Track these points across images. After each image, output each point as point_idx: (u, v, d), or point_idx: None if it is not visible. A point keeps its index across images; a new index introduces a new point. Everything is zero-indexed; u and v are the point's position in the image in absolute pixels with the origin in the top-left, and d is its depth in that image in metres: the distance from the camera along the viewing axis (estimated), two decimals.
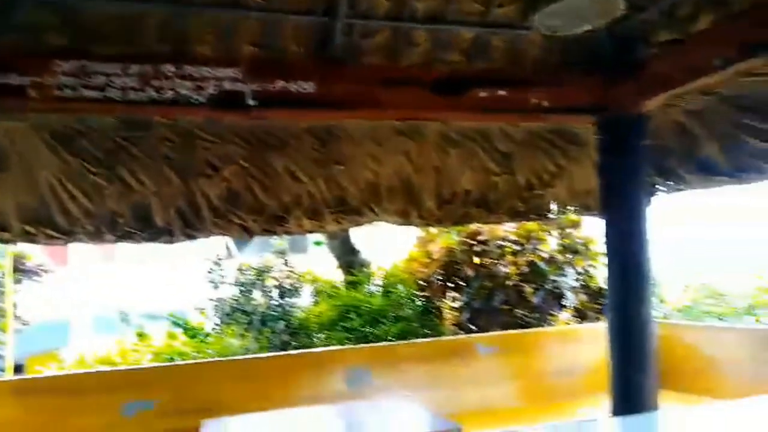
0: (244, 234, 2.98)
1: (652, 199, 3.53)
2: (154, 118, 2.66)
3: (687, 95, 3.11)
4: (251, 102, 2.40)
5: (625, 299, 3.29)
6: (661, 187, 3.60)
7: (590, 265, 4.72)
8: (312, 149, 3.04)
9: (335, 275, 5.95)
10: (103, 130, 2.67)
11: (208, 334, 5.30)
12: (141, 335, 5.16)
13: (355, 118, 2.99)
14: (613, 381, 3.28)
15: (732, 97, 3.01)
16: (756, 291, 5.53)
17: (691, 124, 3.27)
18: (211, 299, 5.54)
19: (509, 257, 4.69)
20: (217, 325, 5.41)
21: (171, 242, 2.90)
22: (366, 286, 5.44)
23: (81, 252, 16.48)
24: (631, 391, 3.19)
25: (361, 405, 3.07)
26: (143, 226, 2.79)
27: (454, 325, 4.87)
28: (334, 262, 6.06)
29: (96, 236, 2.77)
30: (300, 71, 2.53)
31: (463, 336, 4.39)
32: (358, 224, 3.35)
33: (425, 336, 4.59)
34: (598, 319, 4.47)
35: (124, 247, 16.54)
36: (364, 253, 6.06)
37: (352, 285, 5.44)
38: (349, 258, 5.85)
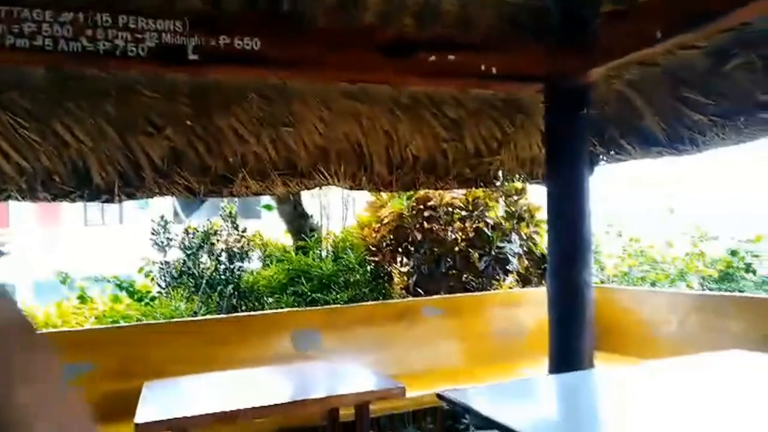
0: (188, 194, 2.91)
1: (595, 168, 3.65)
2: (90, 71, 2.54)
3: (630, 66, 3.19)
4: (193, 57, 2.32)
5: (565, 265, 3.41)
6: (603, 157, 3.71)
7: (534, 232, 4.86)
8: (258, 109, 2.98)
9: (286, 240, 5.92)
10: (34, 82, 2.53)
11: (154, 298, 5.21)
12: (83, 298, 5.02)
13: (302, 78, 2.94)
14: (552, 342, 3.43)
15: (672, 70, 3.10)
16: (688, 258, 5.83)
17: (633, 96, 3.37)
18: (158, 262, 5.43)
19: (457, 223, 4.77)
20: (163, 288, 5.32)
21: (111, 202, 2.81)
22: (316, 251, 5.43)
23: (23, 214, 15.82)
24: (568, 351, 3.33)
25: (309, 365, 3.11)
26: (80, 185, 2.68)
27: (403, 289, 4.94)
28: (284, 227, 6.02)
29: (30, 195, 2.65)
30: (245, 27, 2.45)
31: (410, 299, 4.47)
32: (307, 187, 3.33)
33: (375, 300, 4.65)
34: (540, 283, 4.63)
35: (71, 210, 15.98)
36: (316, 218, 6.04)
37: (302, 250, 5.42)
38: (299, 223, 5.81)
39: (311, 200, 6.01)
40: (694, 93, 3.07)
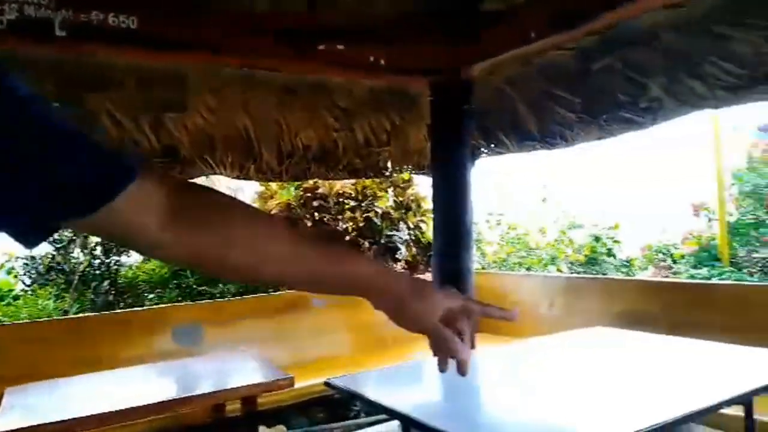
0: None
1: (476, 160, 3.84)
2: None
3: (509, 64, 3.39)
4: (60, 33, 2.13)
5: (448, 252, 3.57)
6: (484, 150, 3.91)
7: (421, 221, 5.03)
8: (137, 92, 2.80)
9: None
10: None
11: (17, 297, 4.75)
12: None
13: (185, 61, 2.80)
14: None
15: (545, 69, 3.33)
16: (558, 244, 6.33)
17: (512, 92, 3.57)
18: (22, 258, 4.95)
19: (347, 213, 4.82)
20: (28, 286, 4.87)
21: None
22: None
23: None
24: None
25: (193, 361, 3.00)
26: None
27: None
28: None
29: None
30: (120, 2, 2.29)
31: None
32: (190, 176, 3.19)
33: (265, 293, 4.57)
34: (427, 270, 4.81)
35: None
36: None
37: None
38: None
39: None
40: (564, 91, 3.32)
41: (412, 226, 4.93)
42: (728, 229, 6.09)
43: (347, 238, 4.79)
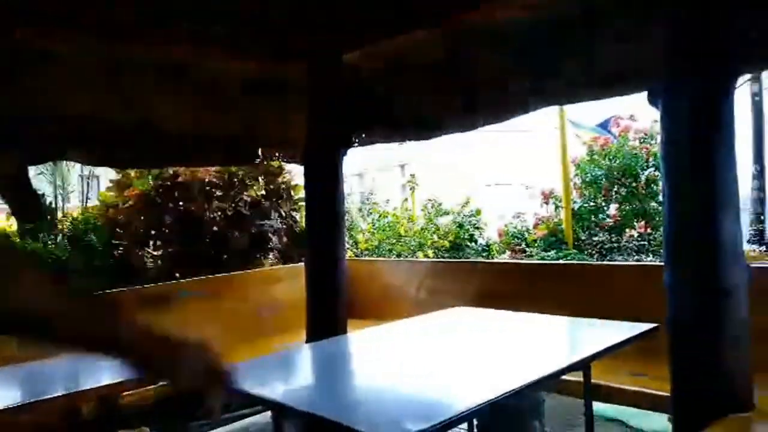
0: None
1: (348, 149, 3.88)
2: None
3: (382, 54, 3.45)
4: None
5: (320, 240, 3.60)
6: (356, 139, 3.97)
7: (294, 209, 5.00)
8: None
9: (10, 223, 5.07)
10: None
11: None
12: None
13: (41, 36, 2.51)
14: (309, 314, 3.60)
15: (415, 59, 3.42)
16: (426, 231, 6.63)
17: (382, 82, 3.65)
18: None
19: (215, 202, 4.65)
20: None
21: None
22: (49, 234, 4.77)
23: None
24: (324, 321, 3.53)
25: (44, 364, 2.74)
26: None
27: (155, 273, 4.64)
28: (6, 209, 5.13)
29: None
30: None
31: (163, 284, 4.22)
32: (35, 161, 2.90)
33: (125, 287, 4.27)
34: (300, 259, 4.79)
35: None
36: (49, 198, 5.28)
37: (30, 234, 4.70)
38: (25, 202, 5.00)
39: (41, 177, 5.24)
40: (436, 81, 3.43)
41: (284, 214, 4.88)
42: (572, 215, 6.76)
43: (215, 228, 4.62)
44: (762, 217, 8.73)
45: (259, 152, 3.74)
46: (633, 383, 2.53)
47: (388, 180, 9.60)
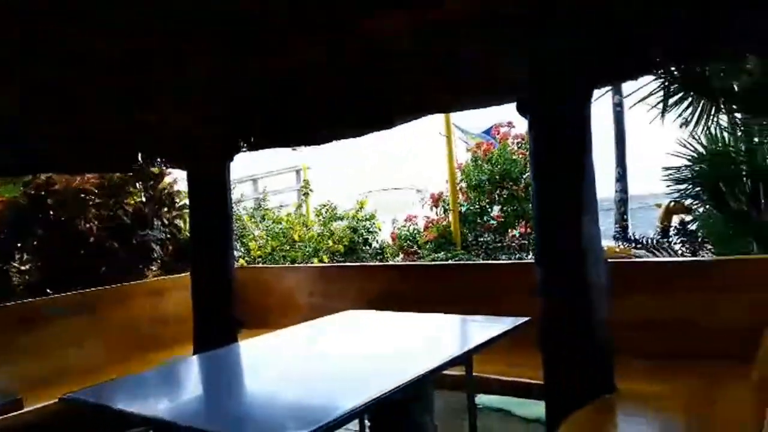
0: None
1: (235, 154, 3.80)
2: None
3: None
4: None
5: (207, 249, 3.49)
6: (244, 144, 3.89)
7: (177, 217, 4.79)
8: None
9: None
10: None
11: None
12: None
13: None
14: (197, 325, 3.48)
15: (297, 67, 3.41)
16: (320, 237, 6.62)
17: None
18: None
19: (92, 210, 4.34)
20: None
21: None
22: None
23: None
24: (212, 333, 3.43)
25: None
26: None
27: (24, 289, 4.25)
28: None
29: None
30: None
31: (31, 300, 3.88)
32: None
33: None
34: (186, 269, 4.59)
35: None
36: None
37: None
38: None
39: None
40: (320, 91, 3.44)
41: (167, 222, 4.65)
42: (460, 218, 7.07)
43: (92, 239, 4.32)
44: (625, 216, 9.63)
45: (139, 157, 3.56)
46: (511, 374, 2.70)
47: (282, 185, 9.47)
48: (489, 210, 7.23)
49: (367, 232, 6.86)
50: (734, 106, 4.24)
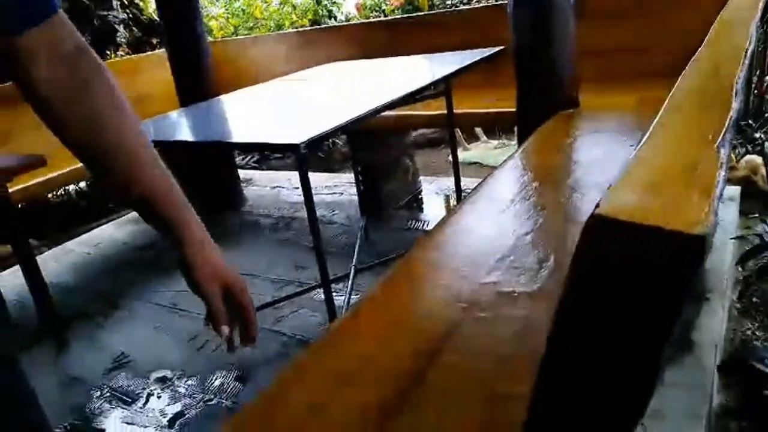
0: None
1: None
2: None
3: None
4: None
5: (178, 23, 3.45)
6: None
7: None
8: None
9: None
10: None
11: None
12: None
13: None
14: (180, 98, 3.57)
15: None
16: (282, 11, 6.30)
17: None
18: None
19: None
20: None
21: None
22: None
23: None
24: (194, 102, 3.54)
25: None
26: None
27: None
28: None
29: None
30: None
31: None
32: None
33: None
34: (155, 48, 4.49)
35: None
36: None
37: None
38: None
39: None
40: None
41: (127, 2, 4.41)
42: None
43: None
44: None
45: None
46: (487, 107, 2.94)
47: None
48: None
49: (331, 4, 6.59)
50: None
